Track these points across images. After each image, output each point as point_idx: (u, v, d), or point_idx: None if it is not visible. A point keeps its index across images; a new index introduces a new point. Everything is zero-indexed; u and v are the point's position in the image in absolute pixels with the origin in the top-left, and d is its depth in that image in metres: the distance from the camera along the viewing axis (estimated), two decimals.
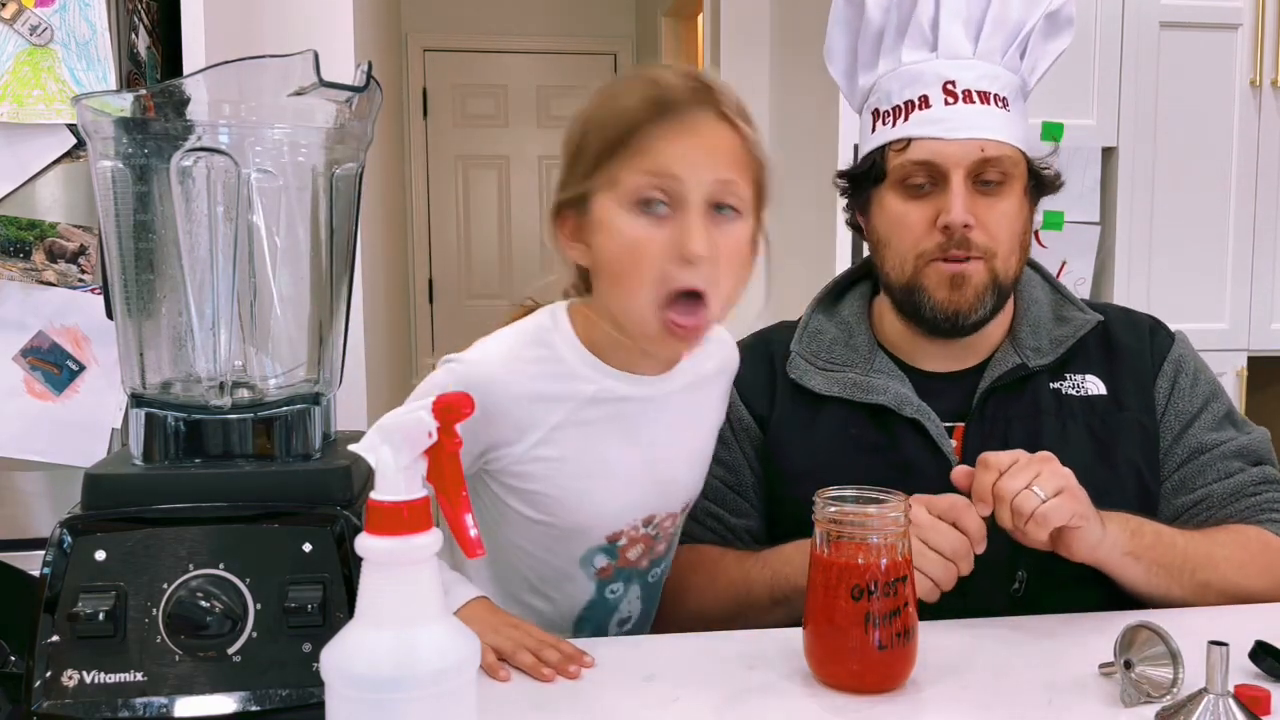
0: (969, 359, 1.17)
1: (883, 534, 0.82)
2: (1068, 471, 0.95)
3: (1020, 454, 0.96)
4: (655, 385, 1.00)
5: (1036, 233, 2.45)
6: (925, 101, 1.10)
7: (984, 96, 1.10)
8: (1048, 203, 2.67)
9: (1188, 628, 0.83)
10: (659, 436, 1.01)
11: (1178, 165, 2.51)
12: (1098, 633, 0.92)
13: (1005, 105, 1.11)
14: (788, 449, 1.16)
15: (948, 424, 1.14)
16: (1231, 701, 0.71)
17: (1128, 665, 0.81)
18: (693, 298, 0.90)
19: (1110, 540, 0.97)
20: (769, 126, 3.01)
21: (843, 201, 1.22)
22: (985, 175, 1.10)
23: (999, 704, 0.81)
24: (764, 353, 1.22)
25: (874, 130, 1.15)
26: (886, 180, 1.13)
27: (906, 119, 1.11)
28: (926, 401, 1.14)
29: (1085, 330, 1.17)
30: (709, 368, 1.07)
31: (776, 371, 1.21)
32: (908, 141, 1.10)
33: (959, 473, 0.98)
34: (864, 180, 1.16)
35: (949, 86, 1.10)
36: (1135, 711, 0.79)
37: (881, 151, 1.13)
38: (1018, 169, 1.12)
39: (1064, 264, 2.48)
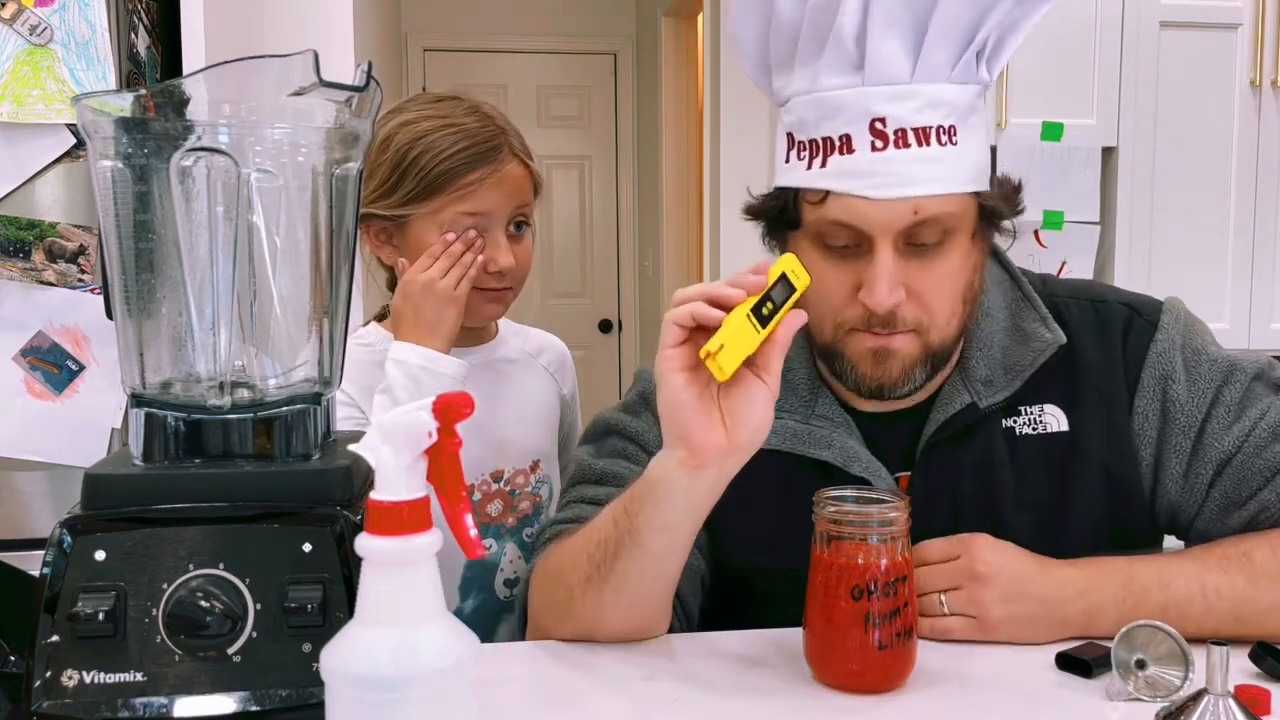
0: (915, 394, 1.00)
1: (883, 534, 0.82)
2: (992, 601, 0.88)
3: (956, 549, 0.90)
4: (470, 356, 1.23)
5: (1036, 232, 2.45)
6: (847, 144, 0.89)
7: (923, 135, 0.88)
8: (1048, 202, 2.68)
9: None
10: (484, 399, 1.19)
11: (1178, 165, 2.51)
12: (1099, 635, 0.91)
13: (952, 138, 0.89)
14: (728, 513, 0.90)
15: (893, 474, 1.00)
16: (1231, 701, 0.71)
17: (1140, 665, 0.81)
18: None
19: (1092, 631, 0.88)
20: (768, 126, 3.01)
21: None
22: (919, 237, 0.90)
23: (999, 703, 0.81)
24: None
25: (787, 160, 0.94)
26: (803, 229, 0.95)
27: (824, 163, 0.90)
28: (872, 448, 1.00)
29: (1045, 357, 0.99)
30: (527, 348, 1.34)
31: None
32: (824, 194, 0.90)
33: None
34: (777, 219, 0.98)
35: (877, 125, 0.88)
36: (1135, 712, 0.79)
37: (795, 194, 0.94)
38: (963, 220, 0.92)
39: (1064, 264, 2.48)
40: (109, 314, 1.52)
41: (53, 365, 1.56)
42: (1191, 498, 0.98)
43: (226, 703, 0.69)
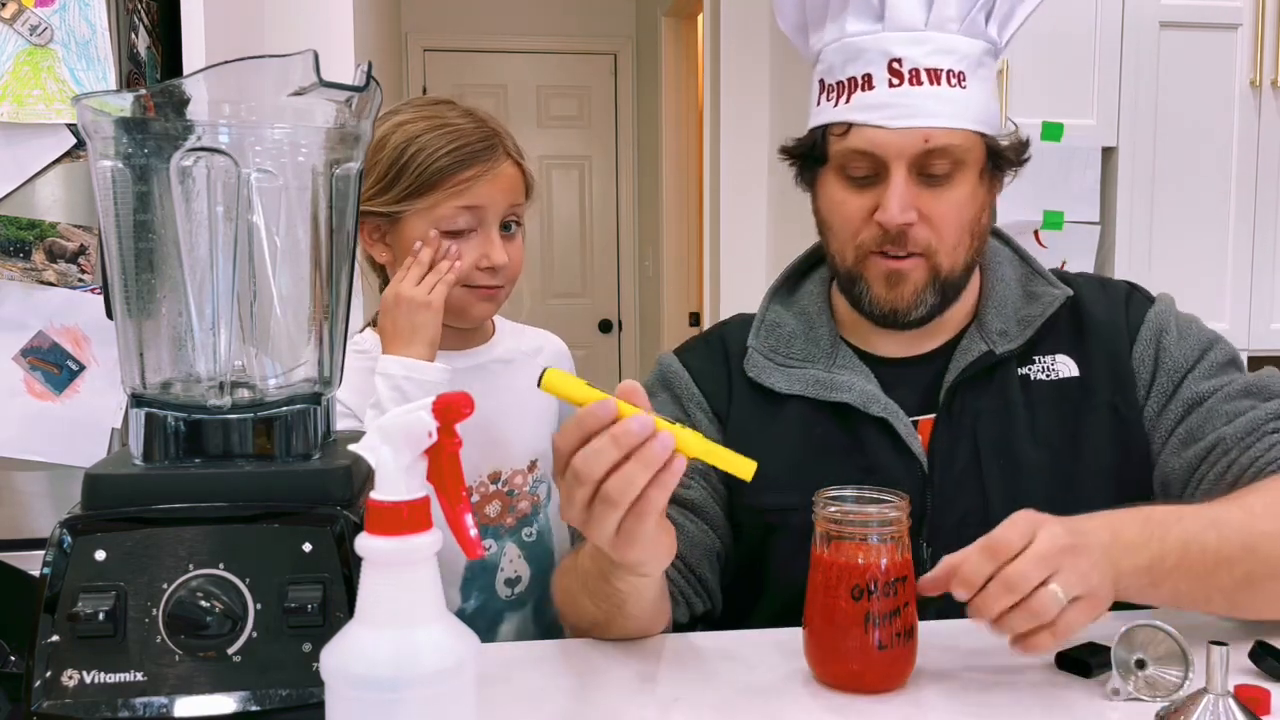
0: (932, 343, 1.11)
1: (883, 533, 0.82)
2: (1090, 567, 0.79)
3: (1032, 528, 0.79)
4: (459, 359, 1.24)
5: (1036, 232, 2.45)
6: (868, 81, 1.00)
7: (934, 75, 0.99)
8: (1048, 202, 2.68)
9: (1188, 627, 0.83)
10: (478, 401, 1.15)
11: (1178, 165, 2.51)
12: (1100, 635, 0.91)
13: (961, 82, 1.00)
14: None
15: (913, 418, 1.07)
16: (1231, 701, 0.71)
17: (1140, 665, 0.81)
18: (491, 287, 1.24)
19: (1124, 585, 0.83)
20: (768, 126, 3.02)
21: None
22: (930, 168, 1.01)
23: (999, 703, 0.81)
24: (719, 349, 1.16)
25: (818, 104, 1.07)
26: (828, 163, 1.06)
27: (848, 100, 1.02)
28: (891, 395, 1.07)
29: (1054, 308, 1.09)
30: (524, 347, 1.34)
31: (732, 370, 1.13)
32: (847, 127, 1.02)
33: (928, 581, 0.83)
34: (807, 158, 1.09)
35: (894, 65, 0.99)
36: (1135, 712, 0.79)
37: (823, 131, 1.05)
38: (971, 154, 1.02)
39: (1064, 263, 2.48)
40: (109, 314, 1.52)
41: (53, 365, 1.56)
42: (1159, 434, 1.05)
43: (226, 703, 0.69)
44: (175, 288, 0.76)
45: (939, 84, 0.99)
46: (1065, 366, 1.08)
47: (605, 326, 4.90)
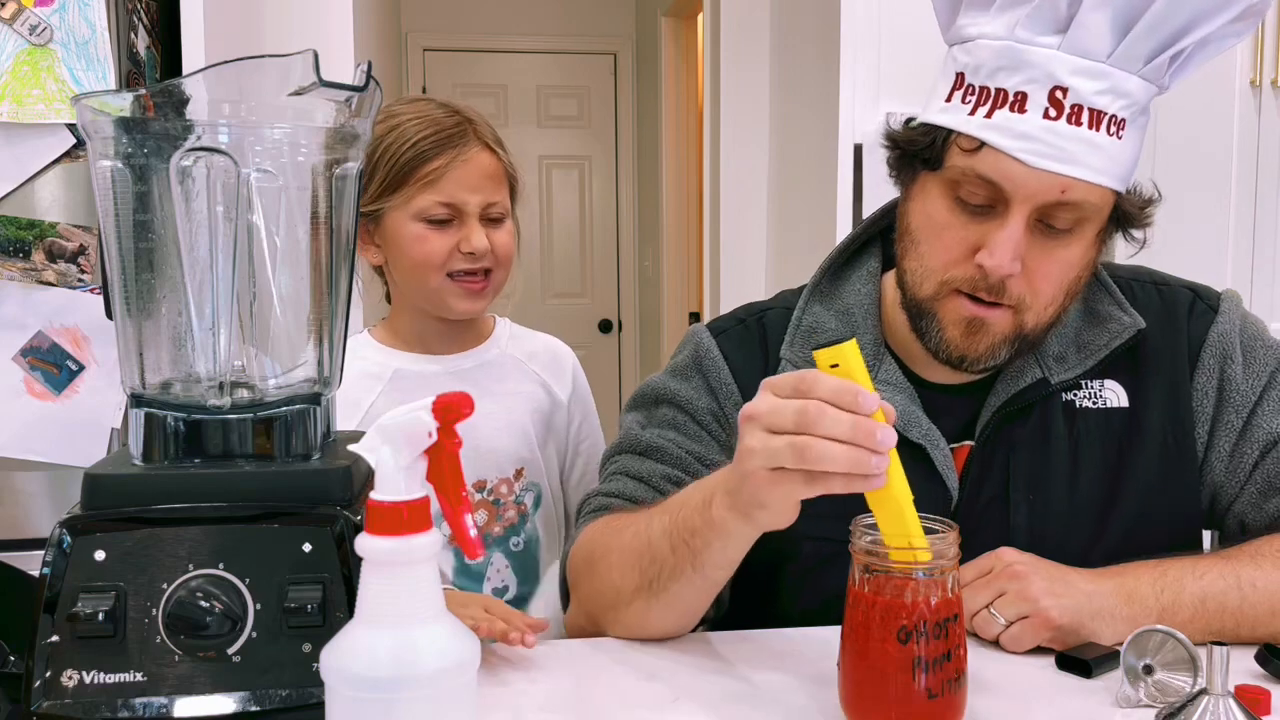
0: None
1: (931, 567, 0.72)
2: (1039, 592, 0.85)
3: (986, 562, 0.89)
4: (451, 362, 1.25)
5: None
6: (1021, 102, 0.87)
7: (1096, 118, 0.87)
8: None
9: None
10: None
11: (1178, 164, 2.51)
12: None
13: (1119, 131, 0.88)
14: None
15: (951, 445, 1.00)
16: (1231, 702, 0.71)
17: (1148, 670, 0.80)
18: (476, 274, 1.21)
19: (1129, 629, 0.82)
20: (768, 126, 3.01)
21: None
22: (1054, 220, 0.90)
23: (999, 704, 0.81)
24: (758, 340, 1.07)
25: (949, 98, 0.92)
26: (940, 173, 0.93)
27: (990, 114, 0.88)
28: (933, 419, 0.99)
29: (1122, 340, 1.00)
30: (518, 352, 1.30)
31: (769, 369, 1.04)
32: (980, 144, 0.89)
33: None
34: (914, 156, 0.95)
35: (1057, 94, 0.86)
36: (1136, 712, 0.79)
37: (946, 136, 0.91)
38: (1099, 213, 0.91)
39: None
40: (109, 314, 1.51)
41: (53, 365, 1.56)
42: (1234, 478, 0.99)
43: (226, 703, 0.69)
44: (175, 288, 0.76)
45: (1098, 129, 0.87)
46: (1113, 394, 1.00)
47: (605, 326, 4.90)
